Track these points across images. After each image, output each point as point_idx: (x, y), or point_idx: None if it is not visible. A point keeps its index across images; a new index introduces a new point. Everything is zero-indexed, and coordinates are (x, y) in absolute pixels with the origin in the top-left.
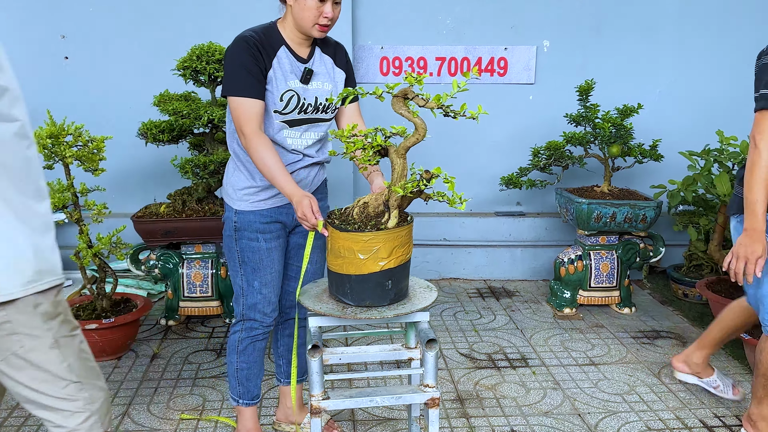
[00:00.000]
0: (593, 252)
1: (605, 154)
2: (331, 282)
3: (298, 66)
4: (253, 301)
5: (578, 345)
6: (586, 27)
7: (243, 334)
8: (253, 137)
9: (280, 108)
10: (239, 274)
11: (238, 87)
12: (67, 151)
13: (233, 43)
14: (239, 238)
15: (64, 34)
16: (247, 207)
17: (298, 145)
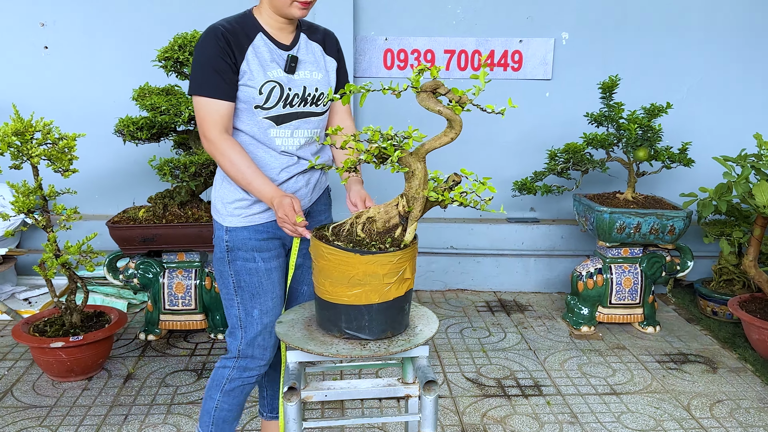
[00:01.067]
0: (615, 265)
1: (630, 158)
2: (336, 316)
3: (280, 54)
4: (254, 333)
5: (597, 370)
6: (609, 18)
7: (235, 373)
8: (218, 141)
9: (260, 102)
10: (235, 303)
11: (203, 86)
12: (33, 150)
13: (202, 36)
14: (233, 260)
15: (44, 22)
16: (240, 222)
17: (289, 146)
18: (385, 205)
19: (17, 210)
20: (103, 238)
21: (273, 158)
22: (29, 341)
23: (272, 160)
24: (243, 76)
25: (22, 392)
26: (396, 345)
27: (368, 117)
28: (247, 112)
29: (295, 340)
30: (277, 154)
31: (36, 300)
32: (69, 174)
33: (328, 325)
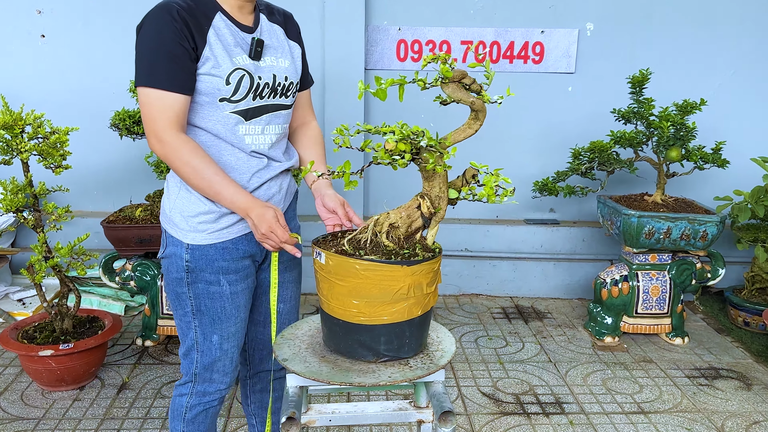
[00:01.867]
0: (641, 272)
1: (660, 158)
2: (374, 339)
3: (243, 37)
4: (211, 359)
5: (623, 385)
6: (636, 8)
7: (193, 399)
8: (175, 143)
9: (228, 94)
10: (192, 326)
11: (155, 75)
12: (23, 145)
13: (150, 14)
14: (193, 282)
15: (40, 9)
16: (205, 240)
17: (260, 145)
18: (404, 209)
19: (5, 209)
20: (101, 236)
21: (242, 161)
22: (17, 348)
23: (241, 164)
24: (205, 64)
25: (9, 402)
26: (412, 369)
27: (379, 112)
28: (210, 106)
29: (330, 375)
30: (246, 155)
31: (30, 301)
32: (60, 170)
33: (360, 350)
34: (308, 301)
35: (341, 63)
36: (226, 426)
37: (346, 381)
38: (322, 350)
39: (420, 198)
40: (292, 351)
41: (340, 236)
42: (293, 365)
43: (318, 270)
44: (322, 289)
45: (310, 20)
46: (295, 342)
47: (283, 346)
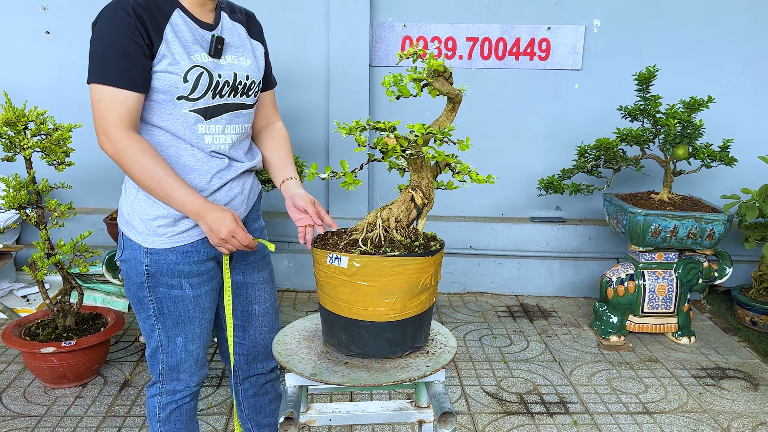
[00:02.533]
0: (648, 271)
1: (667, 156)
2: (402, 334)
3: (202, 34)
4: (176, 360)
5: (628, 385)
6: (644, 5)
7: (165, 398)
8: (125, 141)
9: (186, 92)
10: (156, 329)
11: (107, 72)
12: (26, 142)
13: (105, 10)
14: (154, 286)
15: (45, 6)
16: (165, 244)
17: (220, 145)
18: (401, 203)
19: (8, 206)
20: (104, 233)
21: (201, 162)
22: (19, 345)
23: (200, 164)
24: (161, 61)
25: (11, 399)
26: (411, 369)
27: (383, 109)
28: (167, 104)
29: (360, 378)
30: (206, 155)
31: (34, 298)
32: (63, 167)
33: (388, 348)
34: (312, 299)
35: (346, 59)
36: (227, 425)
37: (345, 382)
38: (322, 349)
39: (412, 190)
40: (292, 352)
41: (333, 237)
42: (295, 366)
43: (333, 276)
44: (339, 294)
45: (314, 15)
46: (293, 342)
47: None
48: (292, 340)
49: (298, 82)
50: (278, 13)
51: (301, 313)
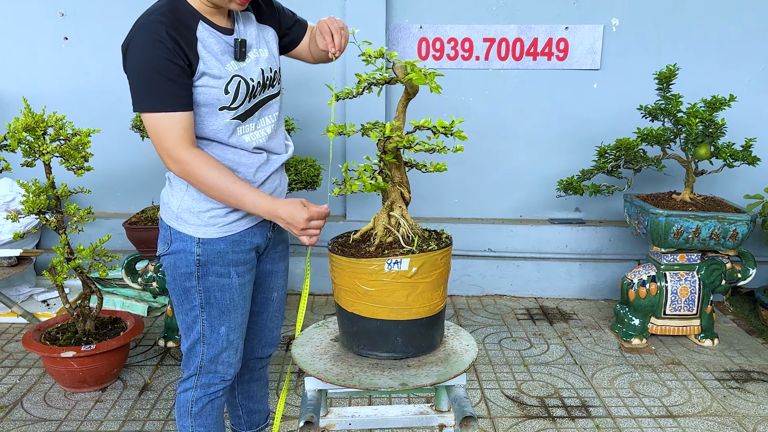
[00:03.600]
0: (670, 273)
1: (689, 156)
2: (439, 326)
3: (227, 40)
4: (217, 351)
5: (651, 388)
6: (663, 3)
7: (198, 392)
8: (190, 160)
9: (227, 103)
10: (199, 320)
11: (157, 99)
12: (45, 147)
13: (137, 35)
14: (204, 275)
15: (63, 12)
16: (216, 233)
17: (259, 140)
18: (399, 201)
19: (27, 211)
20: (123, 237)
21: (245, 157)
22: (39, 350)
23: (245, 159)
24: (201, 77)
25: (32, 403)
26: (429, 373)
27: None
28: (209, 116)
29: (348, 379)
30: (248, 153)
31: (54, 302)
32: (82, 172)
33: (436, 339)
34: (329, 302)
35: (362, 61)
36: None
37: (366, 385)
38: (342, 353)
39: (400, 186)
40: (313, 355)
41: (351, 249)
42: (313, 368)
43: (392, 281)
44: (397, 298)
45: None
46: (315, 346)
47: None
48: (315, 343)
49: (313, 85)
50: None
51: (318, 316)
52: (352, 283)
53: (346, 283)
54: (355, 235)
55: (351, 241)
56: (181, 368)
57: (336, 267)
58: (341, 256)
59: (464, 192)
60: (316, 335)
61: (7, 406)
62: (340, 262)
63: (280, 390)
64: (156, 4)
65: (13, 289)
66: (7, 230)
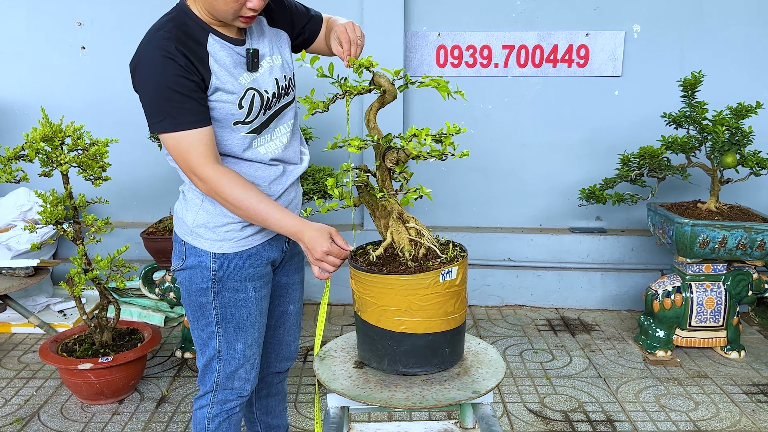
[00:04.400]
0: (695, 283)
1: (714, 164)
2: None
3: (239, 51)
4: (234, 367)
5: (678, 402)
6: (685, 8)
7: (215, 408)
8: (215, 178)
9: (242, 117)
10: (215, 336)
11: (177, 118)
12: (63, 157)
13: (146, 54)
14: (220, 291)
15: (81, 21)
16: (232, 248)
17: (274, 151)
18: (406, 218)
19: (45, 221)
20: (140, 247)
21: (260, 170)
22: (56, 362)
23: (261, 172)
24: (215, 93)
25: (49, 416)
26: (458, 388)
27: (418, 118)
28: (224, 130)
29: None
30: (265, 165)
31: (71, 312)
32: (100, 182)
33: (462, 347)
34: (347, 312)
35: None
36: None
37: (393, 403)
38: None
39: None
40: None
41: (383, 268)
42: (337, 386)
43: (444, 292)
44: (447, 308)
45: None
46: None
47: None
48: (337, 360)
49: (330, 91)
50: None
51: (336, 326)
52: (406, 301)
53: (396, 302)
54: (377, 252)
55: (377, 258)
56: (197, 384)
57: (380, 288)
58: (393, 275)
59: (483, 200)
60: (339, 350)
61: (24, 418)
62: (389, 281)
63: (297, 403)
64: (161, 20)
65: (30, 299)
66: (24, 240)
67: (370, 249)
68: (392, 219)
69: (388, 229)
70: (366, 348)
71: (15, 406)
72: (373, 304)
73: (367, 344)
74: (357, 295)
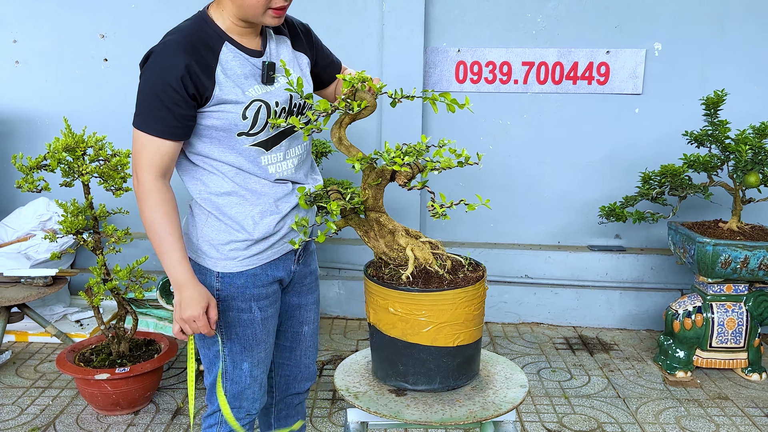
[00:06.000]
0: (716, 303)
1: (736, 184)
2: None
3: (254, 63)
4: (241, 387)
5: (698, 424)
6: (707, 26)
7: (224, 428)
8: (149, 188)
9: (246, 128)
10: (221, 356)
11: (147, 120)
12: (85, 167)
13: (154, 54)
14: (224, 311)
15: (104, 34)
16: (236, 267)
17: (283, 172)
18: (414, 233)
19: (65, 231)
20: (153, 262)
21: (267, 188)
22: (73, 371)
23: (267, 189)
24: (217, 104)
25: (64, 425)
26: (475, 407)
27: (436, 132)
28: (228, 140)
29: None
30: (271, 183)
31: (88, 322)
32: (121, 193)
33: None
34: (362, 327)
35: (399, 84)
36: None
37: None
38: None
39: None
40: (360, 388)
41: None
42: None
43: (483, 298)
44: (481, 315)
45: (368, 41)
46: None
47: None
48: (356, 375)
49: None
50: (332, 40)
51: (351, 341)
52: (464, 314)
53: (455, 316)
54: (408, 271)
55: (409, 277)
56: (206, 401)
57: (439, 305)
58: (459, 289)
59: (500, 216)
60: (358, 366)
61: (39, 427)
62: (449, 297)
63: (313, 417)
64: (182, 24)
65: (47, 308)
66: (43, 250)
67: (388, 272)
68: (401, 236)
69: (407, 247)
70: (414, 371)
71: (31, 416)
72: (429, 323)
73: (416, 367)
74: (405, 319)
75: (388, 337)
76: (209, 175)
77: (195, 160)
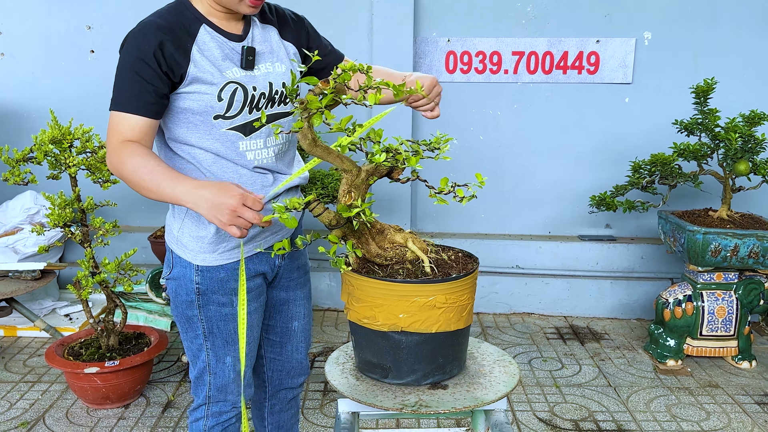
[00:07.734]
0: (707, 292)
1: (726, 172)
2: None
3: (232, 47)
4: (224, 381)
5: (689, 412)
6: (697, 15)
7: (210, 421)
8: (121, 147)
9: (221, 111)
10: (204, 349)
11: (122, 99)
12: (71, 159)
13: (129, 36)
14: (204, 305)
15: (90, 25)
16: (216, 260)
17: (263, 160)
18: (398, 229)
19: (53, 224)
20: (148, 251)
21: (245, 178)
22: (62, 365)
23: (245, 179)
24: (192, 84)
25: (54, 420)
26: (467, 395)
27: (426, 124)
28: (204, 125)
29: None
30: (249, 172)
31: (77, 316)
32: (108, 185)
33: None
34: None
35: None
36: None
37: (411, 408)
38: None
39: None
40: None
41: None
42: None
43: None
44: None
45: (358, 31)
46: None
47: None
48: (346, 366)
49: None
50: (321, 30)
51: (342, 333)
52: (464, 298)
53: (470, 300)
54: (426, 263)
55: (432, 268)
56: (191, 394)
57: (462, 289)
58: (471, 275)
59: (491, 207)
60: (349, 357)
61: (29, 422)
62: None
63: (304, 409)
64: (161, 8)
65: (36, 302)
66: (31, 243)
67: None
68: (395, 234)
69: (407, 241)
70: (404, 360)
71: (20, 410)
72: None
73: (407, 356)
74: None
75: (377, 331)
76: (186, 165)
77: (174, 147)
